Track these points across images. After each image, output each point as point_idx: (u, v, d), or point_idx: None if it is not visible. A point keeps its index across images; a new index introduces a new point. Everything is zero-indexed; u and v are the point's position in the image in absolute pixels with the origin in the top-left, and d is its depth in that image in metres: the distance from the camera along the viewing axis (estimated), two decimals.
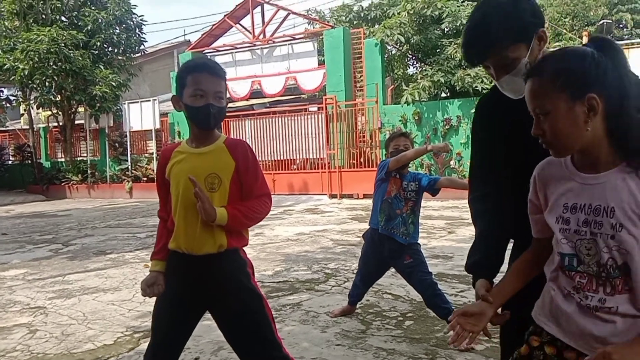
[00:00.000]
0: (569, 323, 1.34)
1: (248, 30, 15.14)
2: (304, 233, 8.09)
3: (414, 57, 15.66)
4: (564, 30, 16.58)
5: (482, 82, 11.51)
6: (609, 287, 1.28)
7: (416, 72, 13.10)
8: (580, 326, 1.31)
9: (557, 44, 12.81)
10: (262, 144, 14.77)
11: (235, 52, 15.51)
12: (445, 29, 13.08)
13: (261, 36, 14.92)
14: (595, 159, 1.31)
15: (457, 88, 12.10)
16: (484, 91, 11.45)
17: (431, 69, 12.51)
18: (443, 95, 13.73)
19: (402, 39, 12.64)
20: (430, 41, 13.16)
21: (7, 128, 22.28)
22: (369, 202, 5.13)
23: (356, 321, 3.96)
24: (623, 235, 1.24)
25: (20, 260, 6.88)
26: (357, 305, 4.24)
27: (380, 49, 13.39)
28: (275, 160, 14.73)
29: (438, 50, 13.22)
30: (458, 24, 12.40)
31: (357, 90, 13.91)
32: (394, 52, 15.66)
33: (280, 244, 7.26)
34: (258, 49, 15.08)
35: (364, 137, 13.36)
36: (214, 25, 15.65)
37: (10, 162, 21.38)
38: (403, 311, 4.16)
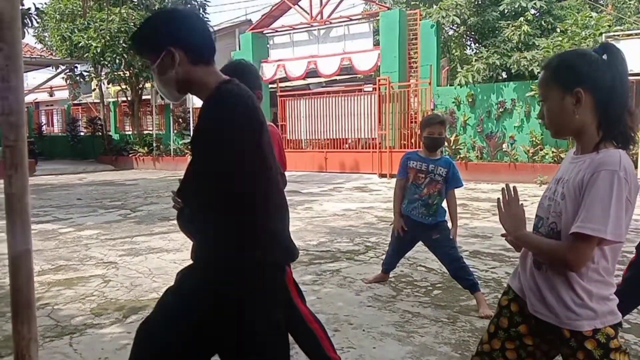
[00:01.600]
0: (525, 276, 1.68)
1: (306, 11, 15.47)
2: (351, 209, 8.48)
3: (471, 39, 15.53)
4: (628, 15, 15.89)
5: (538, 65, 11.36)
6: None
7: (471, 54, 13.04)
8: (529, 277, 1.65)
9: (619, 27, 12.38)
10: (316, 122, 15.20)
11: (293, 32, 15.91)
12: (504, 11, 12.89)
13: (318, 17, 15.22)
14: (582, 143, 1.60)
15: (513, 71, 12.00)
16: (540, 74, 11.32)
17: (487, 51, 12.44)
18: (505, 77, 13.62)
19: (458, 20, 12.61)
20: (487, 23, 13.06)
21: (80, 102, 23.78)
22: None
23: (388, 288, 4.34)
24: (561, 204, 1.56)
25: (93, 222, 7.67)
26: (391, 275, 4.62)
27: (435, 31, 13.41)
28: (328, 139, 15.15)
29: (496, 32, 13.09)
30: (516, 6, 12.25)
31: (412, 72, 14.02)
32: (451, 33, 15.57)
33: (327, 218, 7.70)
34: (315, 29, 15.41)
35: (416, 118, 13.51)
36: (273, 6, 16.08)
37: (82, 134, 22.90)
38: (433, 282, 4.50)
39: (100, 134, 21.14)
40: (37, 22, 9.04)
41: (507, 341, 1.71)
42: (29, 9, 8.63)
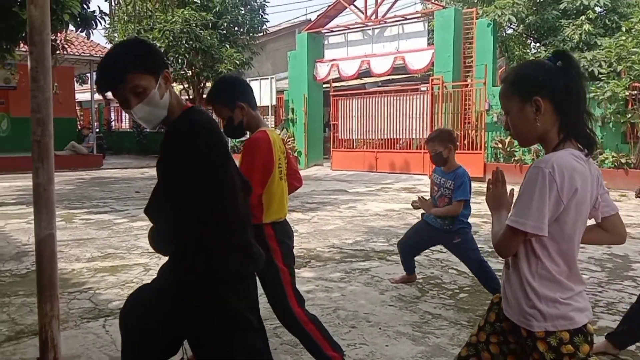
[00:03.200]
0: (503, 276, 1.73)
1: (361, 11, 15.50)
2: (394, 210, 8.48)
3: (532, 38, 15.03)
4: None
5: (599, 65, 10.87)
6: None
7: (530, 54, 12.64)
8: (504, 276, 1.71)
9: None
10: (368, 122, 15.20)
11: (348, 32, 15.98)
12: (566, 9, 12.41)
13: (373, 17, 15.21)
14: (546, 148, 1.65)
15: None
16: (601, 75, 10.84)
17: (545, 50, 12.02)
18: None
19: (515, 19, 12.25)
20: (547, 21, 12.62)
21: None
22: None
23: (414, 289, 4.36)
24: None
25: None
26: (420, 276, 4.62)
27: (492, 30, 13.09)
28: (379, 139, 15.12)
29: (556, 31, 12.62)
30: (578, 4, 11.75)
31: (467, 72, 13.75)
32: (509, 32, 15.13)
33: (367, 218, 7.74)
34: (369, 29, 15.41)
35: (469, 119, 13.25)
36: (329, 6, 16.21)
37: (147, 131, 23.97)
38: (462, 285, 4.47)
39: (163, 130, 22.04)
40: (101, 24, 9.52)
41: (492, 335, 1.77)
42: (94, 11, 9.14)
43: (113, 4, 8.60)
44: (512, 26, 13.97)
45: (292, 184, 2.86)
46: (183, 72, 18.53)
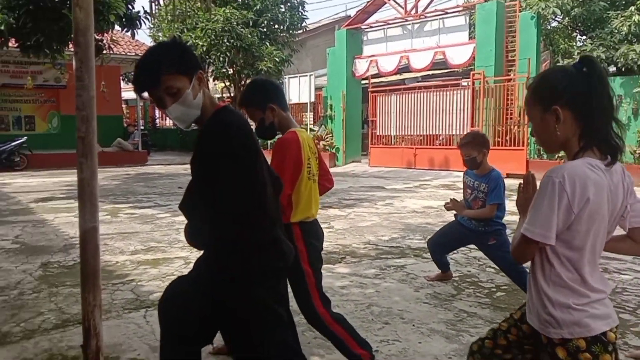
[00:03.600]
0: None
1: (400, 6, 15.36)
2: (432, 207, 8.40)
3: (578, 31, 14.55)
4: None
5: None
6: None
7: (575, 47, 12.24)
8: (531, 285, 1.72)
9: None
10: (407, 118, 15.08)
11: (387, 27, 15.87)
12: (615, 0, 11.96)
13: (413, 11, 15.06)
14: (568, 156, 1.64)
15: (620, 65, 11.11)
16: None
17: (591, 43, 11.62)
18: (610, 71, 12.67)
19: (559, 12, 11.88)
20: (593, 13, 12.18)
21: None
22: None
23: (450, 287, 4.32)
24: None
25: None
26: (456, 274, 4.58)
27: (536, 22, 12.74)
28: (418, 136, 14.98)
29: (603, 23, 12.17)
30: None
31: (509, 66, 13.44)
32: (554, 25, 14.68)
33: (404, 215, 7.70)
34: (409, 24, 15.27)
35: (511, 114, 12.95)
36: (368, 2, 16.14)
37: (190, 128, 24.49)
38: (499, 284, 4.41)
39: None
40: (146, 24, 9.80)
41: (512, 327, 1.84)
42: (138, 11, 9.42)
43: (154, 4, 8.82)
44: (556, 19, 13.57)
45: (323, 184, 2.87)
46: (224, 71, 18.83)
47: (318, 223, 2.76)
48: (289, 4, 19.19)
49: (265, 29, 18.75)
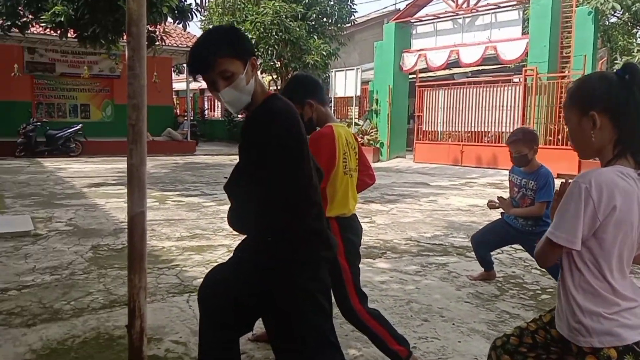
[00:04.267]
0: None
1: (452, 0, 15.06)
2: (477, 205, 8.23)
3: (638, 27, 13.87)
4: None
5: None
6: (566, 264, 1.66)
7: (635, 44, 11.67)
8: (561, 296, 1.69)
9: None
10: (454, 114, 14.80)
11: (437, 21, 15.60)
12: None
13: (464, 5, 14.73)
14: (601, 161, 1.60)
15: None
16: None
17: None
18: None
19: (619, 7, 11.36)
20: None
21: None
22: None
23: (493, 287, 4.23)
24: None
25: None
26: (500, 274, 4.49)
27: (593, 18, 12.23)
28: (466, 132, 14.68)
29: None
30: None
31: (564, 62, 12.97)
32: (613, 21, 14.05)
33: (449, 212, 7.58)
34: (460, 18, 14.95)
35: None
36: None
37: (237, 119, 24.88)
38: (544, 286, 4.28)
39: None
40: (197, 16, 10.02)
41: (540, 329, 1.83)
42: (190, 4, 9.63)
43: None
44: (616, 14, 12.96)
45: (363, 180, 2.85)
46: (272, 63, 18.99)
47: (357, 219, 2.75)
48: None
49: (313, 22, 18.77)
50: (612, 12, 12.49)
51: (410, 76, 16.91)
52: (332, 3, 18.97)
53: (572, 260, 1.56)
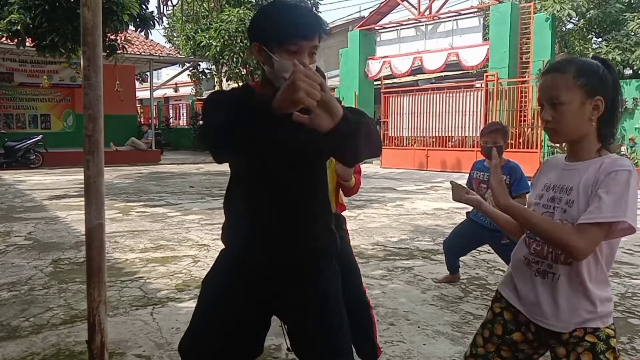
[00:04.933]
0: (524, 286, 1.67)
1: (414, 7, 15.33)
2: (442, 209, 8.36)
3: (593, 33, 14.40)
4: None
5: None
6: (555, 256, 1.60)
7: (591, 49, 12.14)
8: (530, 287, 1.66)
9: None
10: (419, 119, 15.03)
11: (400, 29, 15.84)
12: (631, 1, 11.81)
13: (427, 12, 15.01)
14: (581, 149, 1.60)
15: (635, 67, 10.98)
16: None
17: (607, 45, 11.49)
18: (627, 73, 12.54)
19: (574, 14, 11.77)
20: (609, 15, 12.05)
21: (203, 97, 25.58)
22: None
23: (457, 289, 4.30)
24: (572, 211, 1.54)
25: (199, 208, 8.33)
26: (464, 276, 4.56)
27: (550, 24, 12.64)
28: (431, 137, 14.92)
29: (619, 25, 12.04)
30: None
31: (523, 68, 13.34)
32: (570, 27, 14.56)
33: (414, 216, 7.68)
34: (422, 25, 15.22)
35: (525, 116, 12.85)
36: (381, 3, 16.14)
37: None
38: None
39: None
40: (159, 24, 9.92)
41: (502, 346, 1.75)
42: (152, 12, 9.53)
43: (164, 5, 8.89)
44: (572, 21, 13.43)
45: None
46: (238, 71, 18.94)
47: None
48: (303, 4, 19.24)
49: None
50: (568, 19, 12.93)
51: (376, 83, 17.11)
52: None
53: (597, 251, 1.54)
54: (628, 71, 12.74)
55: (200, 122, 1.67)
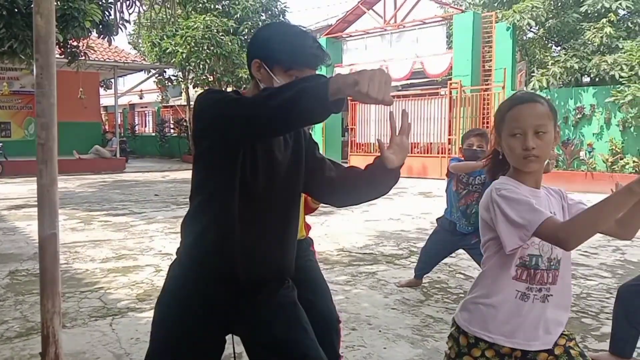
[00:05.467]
0: (519, 321, 1.64)
1: (380, 16, 15.54)
2: (407, 214, 8.47)
3: (552, 42, 14.89)
4: None
5: (621, 69, 10.70)
6: (552, 278, 1.65)
7: (550, 57, 12.56)
8: (537, 318, 1.64)
9: None
10: (386, 127, 15.18)
11: (366, 37, 16.04)
12: (587, 12, 12.24)
13: (392, 21, 15.24)
14: (539, 176, 1.67)
15: (592, 75, 11.37)
16: (622, 79, 10.67)
17: (565, 54, 11.88)
18: (585, 81, 12.98)
19: (534, 23, 12.15)
20: (567, 25, 12.47)
21: (169, 104, 25.33)
22: None
23: (419, 293, 4.37)
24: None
25: (163, 217, 8.23)
26: (426, 280, 4.64)
27: (511, 33, 13.01)
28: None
29: (576, 34, 12.47)
30: (599, 7, 11.59)
31: (485, 76, 13.67)
32: (530, 36, 15.00)
33: (380, 222, 7.76)
34: (388, 33, 15.44)
35: (488, 123, 13.14)
36: (348, 11, 16.31)
37: (170, 134, 24.37)
38: (467, 289, 4.43)
39: (185, 134, 22.41)
40: (123, 31, 9.80)
41: None
42: (115, 18, 9.39)
43: (117, 12, 8.77)
44: (532, 30, 13.85)
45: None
46: (204, 78, 18.81)
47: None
48: (269, 12, 19.30)
49: (246, 37, 18.78)
50: (529, 28, 13.32)
51: None
52: (263, 18, 19.09)
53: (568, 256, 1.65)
54: (586, 79, 13.18)
55: (224, 101, 1.52)
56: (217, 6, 19.45)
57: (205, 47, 17.40)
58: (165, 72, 21.04)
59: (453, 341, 1.76)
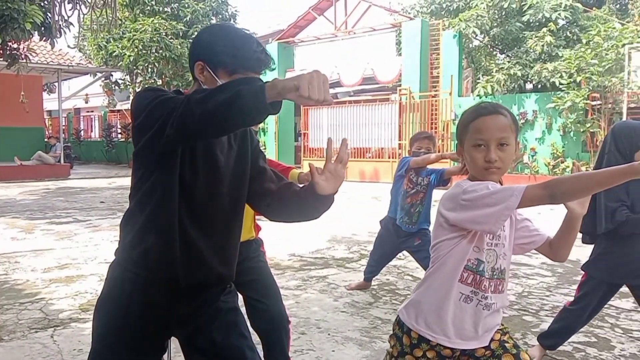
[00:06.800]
0: (462, 323, 1.69)
1: (331, 22, 15.68)
2: (359, 218, 8.55)
3: (497, 49, 15.44)
4: None
5: (560, 76, 11.20)
6: (494, 287, 1.70)
7: (495, 64, 13.05)
8: (477, 321, 1.69)
9: None
10: (338, 132, 15.32)
11: (318, 42, 16.14)
12: (529, 21, 12.76)
13: (343, 27, 15.40)
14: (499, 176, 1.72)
15: (534, 82, 11.86)
16: (562, 86, 11.17)
17: (509, 61, 12.35)
18: (528, 87, 13.51)
19: (479, 32, 12.57)
20: (510, 33, 12.96)
21: (116, 108, 24.61)
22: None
23: (368, 295, 4.42)
24: (508, 246, 1.71)
25: (109, 224, 7.98)
26: (375, 283, 4.70)
27: (458, 41, 13.39)
28: (350, 148, 15.27)
29: (519, 42, 12.98)
30: (540, 17, 12.11)
31: (433, 82, 14.01)
32: (476, 43, 15.51)
33: (332, 226, 7.79)
34: (339, 39, 15.59)
35: (436, 128, 13.48)
36: (299, 17, 16.36)
37: (117, 140, 23.69)
38: None
39: None
40: (66, 33, 9.45)
41: None
42: (57, 20, 9.07)
43: (56, 14, 8.49)
44: (477, 38, 14.31)
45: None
46: (153, 81, 18.42)
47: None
48: (220, 16, 19.11)
49: None
50: (474, 36, 13.74)
51: None
52: (213, 21, 18.88)
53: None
54: (529, 85, 13.73)
55: (157, 98, 1.47)
56: (165, 9, 19.11)
57: (154, 51, 17.07)
58: (112, 75, 20.45)
59: (396, 340, 1.80)
